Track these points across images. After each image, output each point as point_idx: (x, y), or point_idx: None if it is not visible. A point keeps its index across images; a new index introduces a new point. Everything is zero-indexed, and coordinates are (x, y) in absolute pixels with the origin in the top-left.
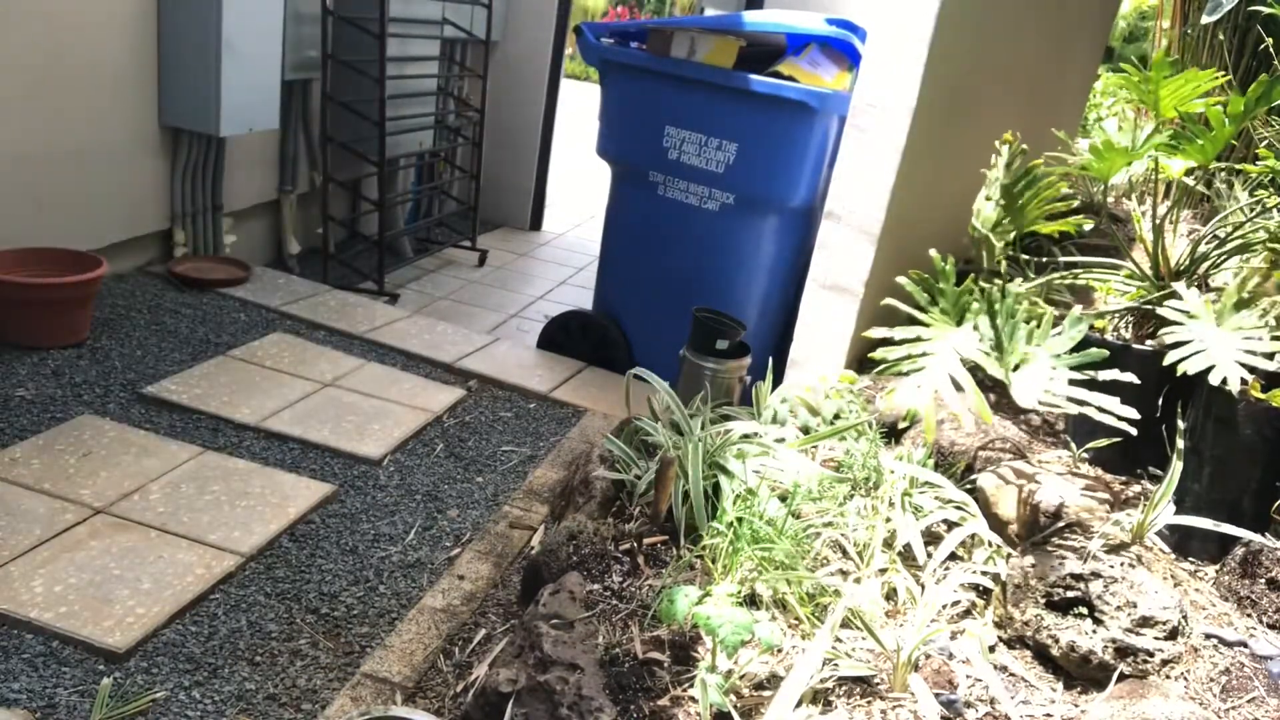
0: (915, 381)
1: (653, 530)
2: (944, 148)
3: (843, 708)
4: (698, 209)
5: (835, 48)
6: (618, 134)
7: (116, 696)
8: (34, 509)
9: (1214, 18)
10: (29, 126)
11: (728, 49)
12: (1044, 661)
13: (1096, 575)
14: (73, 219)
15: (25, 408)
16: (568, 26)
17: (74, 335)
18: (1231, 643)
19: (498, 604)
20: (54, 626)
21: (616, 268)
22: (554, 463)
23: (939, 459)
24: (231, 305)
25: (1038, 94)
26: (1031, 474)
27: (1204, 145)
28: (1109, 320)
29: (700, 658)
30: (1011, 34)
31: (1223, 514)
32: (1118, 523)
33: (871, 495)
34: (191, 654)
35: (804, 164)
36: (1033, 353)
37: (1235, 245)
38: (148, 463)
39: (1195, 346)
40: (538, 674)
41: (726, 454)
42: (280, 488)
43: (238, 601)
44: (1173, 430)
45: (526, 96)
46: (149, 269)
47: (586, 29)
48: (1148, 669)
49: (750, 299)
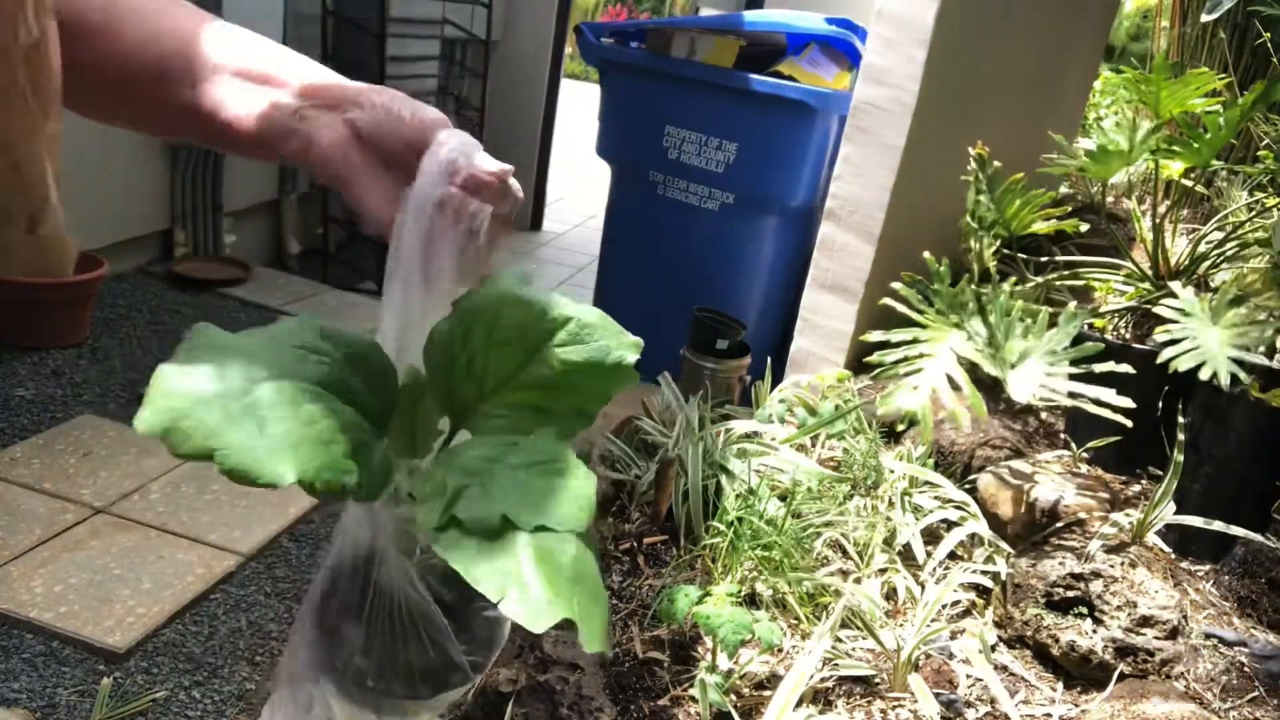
0: (912, 383)
1: (653, 530)
2: (944, 147)
3: (842, 707)
4: (698, 209)
5: (835, 47)
6: (618, 134)
7: (116, 696)
8: (34, 509)
9: (1213, 16)
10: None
11: (728, 49)
12: (1044, 661)
13: (1096, 575)
14: (73, 219)
15: (25, 408)
16: (568, 26)
17: (74, 335)
18: (1231, 643)
19: None
20: (54, 626)
21: (616, 267)
22: None
23: (938, 459)
24: (232, 305)
25: (1038, 93)
26: (1031, 474)
27: (1200, 149)
28: (1109, 320)
29: (700, 657)
30: (1012, 33)
31: (1223, 514)
32: (1117, 523)
33: (871, 495)
34: (191, 654)
35: (804, 164)
36: (1028, 349)
37: (1234, 245)
38: (148, 463)
39: (1187, 344)
40: (538, 674)
41: (727, 453)
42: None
43: (238, 601)
44: (1172, 430)
45: (526, 96)
46: (149, 269)
47: (586, 29)
48: (1148, 669)
49: (750, 299)
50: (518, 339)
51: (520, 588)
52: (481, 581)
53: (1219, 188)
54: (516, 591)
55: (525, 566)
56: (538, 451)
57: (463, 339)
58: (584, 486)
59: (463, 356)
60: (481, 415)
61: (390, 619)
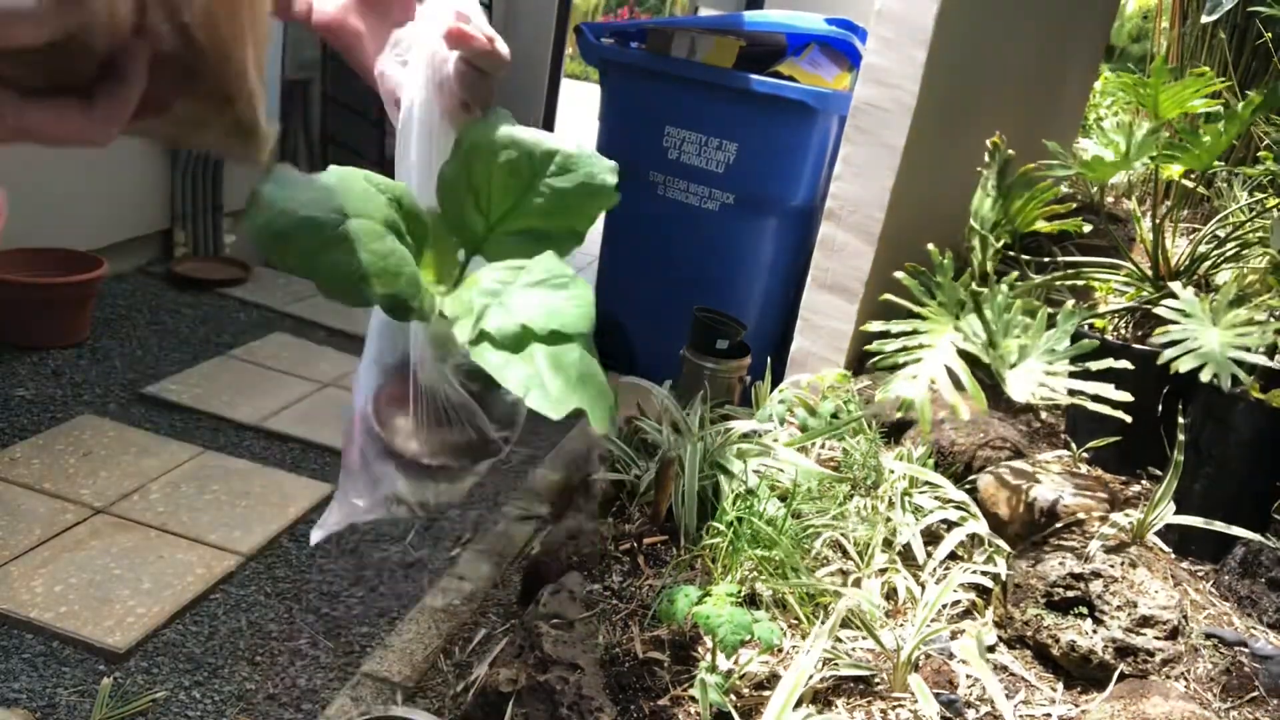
0: (911, 372)
1: (653, 530)
2: (944, 147)
3: (842, 707)
4: (698, 209)
5: (835, 48)
6: (618, 134)
7: (116, 696)
8: (34, 509)
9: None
10: None
11: (728, 49)
12: (1044, 661)
13: (1096, 575)
14: (73, 219)
15: (25, 408)
16: (568, 26)
17: (74, 335)
18: (1231, 643)
19: (498, 604)
20: (54, 626)
21: (617, 268)
22: (554, 463)
23: (938, 459)
24: (232, 305)
25: (1038, 93)
26: (1031, 474)
27: (1199, 154)
28: (1109, 320)
29: (700, 657)
30: (1012, 33)
31: (1223, 514)
32: (1117, 523)
33: (871, 495)
34: (192, 654)
35: (804, 164)
36: (1026, 348)
37: (1235, 245)
38: (148, 463)
39: (1188, 345)
40: (538, 674)
41: (727, 454)
42: (280, 487)
43: (238, 601)
44: (1173, 430)
45: (526, 96)
46: (149, 269)
47: (586, 29)
48: (1148, 669)
49: (750, 299)
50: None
51: (539, 387)
52: (510, 383)
53: (1219, 188)
54: (537, 390)
55: (542, 369)
56: (543, 270)
57: (468, 178)
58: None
59: (470, 193)
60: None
61: (433, 409)
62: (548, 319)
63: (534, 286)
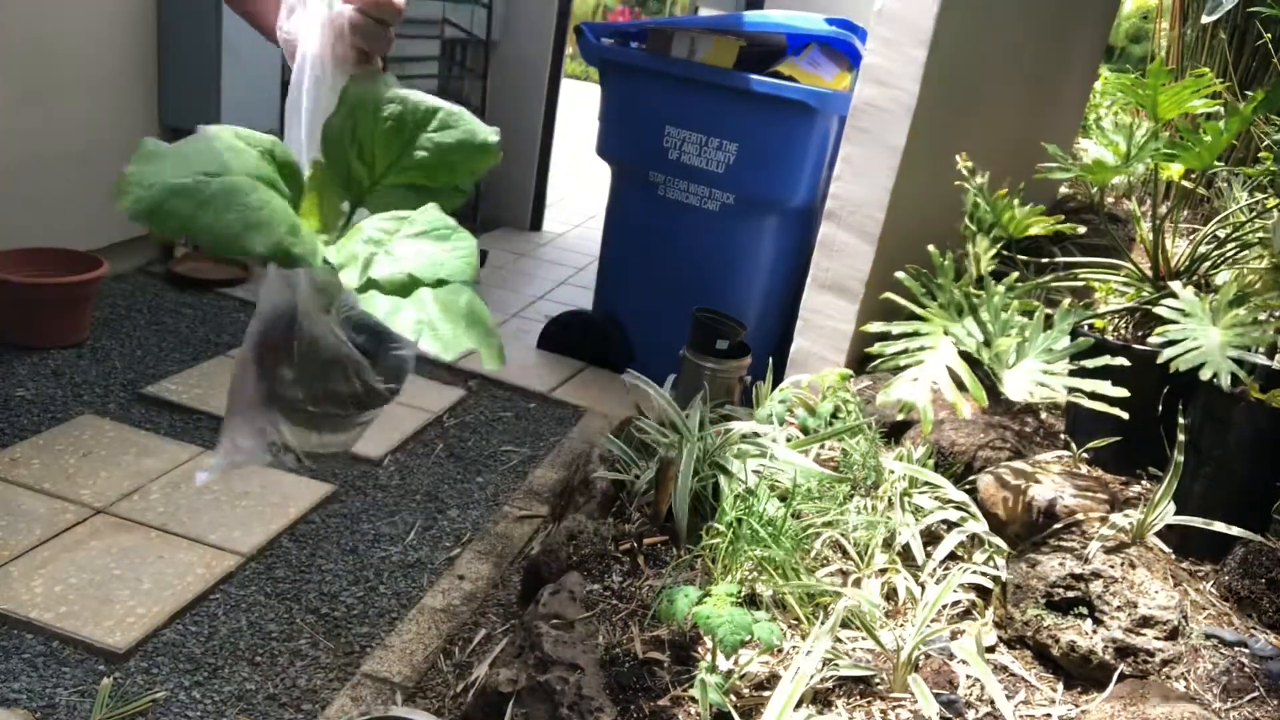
0: (912, 374)
1: (653, 530)
2: (944, 147)
3: (842, 707)
4: (698, 209)
5: (835, 48)
6: (618, 134)
7: (116, 696)
8: (34, 509)
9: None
10: (29, 127)
11: (728, 49)
12: (1044, 661)
13: (1096, 575)
14: (73, 219)
15: (25, 408)
16: (568, 26)
17: (74, 335)
18: (1231, 643)
19: (498, 604)
20: (54, 626)
21: (617, 268)
22: (554, 463)
23: (938, 459)
24: (232, 305)
25: (1038, 93)
26: (1031, 474)
27: (1199, 152)
28: (1109, 320)
29: (700, 658)
30: (1012, 33)
31: (1223, 514)
32: (1117, 524)
33: (871, 495)
34: (192, 654)
35: (804, 164)
36: (1024, 348)
37: (1235, 246)
38: (148, 463)
39: (1188, 345)
40: (538, 674)
41: (726, 454)
42: (280, 487)
43: (238, 601)
44: (1172, 430)
45: (526, 96)
46: (149, 269)
47: (586, 29)
48: (1148, 669)
49: (750, 299)
50: (398, 128)
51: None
52: (400, 327)
53: (1219, 189)
54: (429, 332)
55: (432, 313)
56: (426, 222)
57: (352, 131)
58: (468, 246)
59: (354, 146)
60: (375, 195)
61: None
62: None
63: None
